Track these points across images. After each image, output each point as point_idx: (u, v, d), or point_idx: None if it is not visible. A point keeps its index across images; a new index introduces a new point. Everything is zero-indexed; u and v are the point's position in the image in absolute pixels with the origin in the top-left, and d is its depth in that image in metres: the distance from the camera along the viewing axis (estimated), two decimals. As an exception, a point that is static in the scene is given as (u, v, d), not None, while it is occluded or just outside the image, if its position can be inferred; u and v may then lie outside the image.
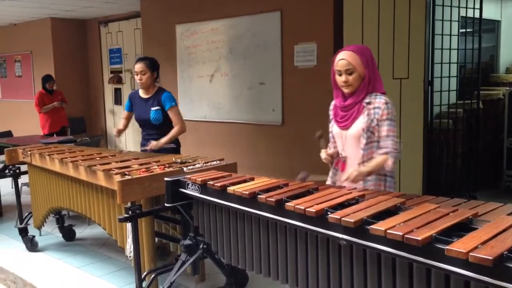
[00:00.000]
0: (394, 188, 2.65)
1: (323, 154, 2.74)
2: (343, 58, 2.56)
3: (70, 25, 8.65)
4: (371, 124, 2.52)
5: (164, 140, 3.97)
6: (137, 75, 4.05)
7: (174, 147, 4.09)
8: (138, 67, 4.03)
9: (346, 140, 2.64)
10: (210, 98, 6.20)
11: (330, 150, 2.75)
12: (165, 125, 4.04)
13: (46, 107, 7.30)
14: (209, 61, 6.16)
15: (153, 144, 3.95)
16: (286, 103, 5.35)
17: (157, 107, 4.01)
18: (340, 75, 2.57)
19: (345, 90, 2.59)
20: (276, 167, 5.43)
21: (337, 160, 2.72)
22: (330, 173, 2.80)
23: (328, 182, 2.77)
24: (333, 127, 2.72)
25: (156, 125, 4.03)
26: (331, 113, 2.79)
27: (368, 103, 2.55)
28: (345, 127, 2.62)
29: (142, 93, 4.13)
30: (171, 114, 4.03)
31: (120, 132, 4.22)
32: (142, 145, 4.19)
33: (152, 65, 4.06)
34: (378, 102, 2.53)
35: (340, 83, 2.59)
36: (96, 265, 4.06)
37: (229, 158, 3.71)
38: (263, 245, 2.34)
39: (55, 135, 7.16)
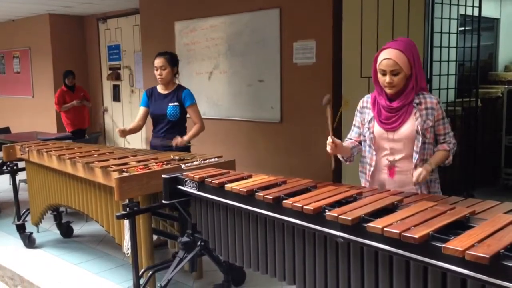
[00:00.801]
0: (439, 190, 2.60)
1: (330, 140, 2.47)
2: (389, 58, 2.38)
3: (68, 21, 8.63)
4: (424, 126, 2.43)
5: (187, 137, 3.98)
6: (156, 70, 3.98)
7: (189, 146, 4.10)
8: (158, 62, 3.98)
9: (393, 143, 2.49)
10: (209, 95, 6.19)
11: (345, 142, 2.61)
12: (180, 122, 4.04)
13: (65, 106, 6.96)
14: (208, 58, 6.15)
15: (179, 140, 3.91)
16: (285, 101, 5.35)
17: (175, 103, 3.98)
18: (384, 74, 2.41)
19: (388, 91, 2.44)
20: (275, 165, 5.43)
21: (386, 165, 2.55)
22: (361, 179, 2.67)
23: (363, 184, 2.64)
24: (375, 127, 2.54)
25: (172, 121, 3.98)
26: (366, 110, 2.60)
27: (419, 104, 2.43)
28: (392, 129, 2.47)
29: (160, 89, 4.09)
30: (191, 111, 4.02)
31: (124, 133, 4.02)
32: (152, 143, 4.12)
33: (172, 60, 4.03)
34: (430, 103, 2.44)
35: (383, 83, 2.43)
36: (93, 262, 4.06)
37: (228, 155, 3.70)
38: (260, 243, 2.34)
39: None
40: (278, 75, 5.36)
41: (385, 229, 1.68)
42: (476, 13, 5.09)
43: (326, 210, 1.94)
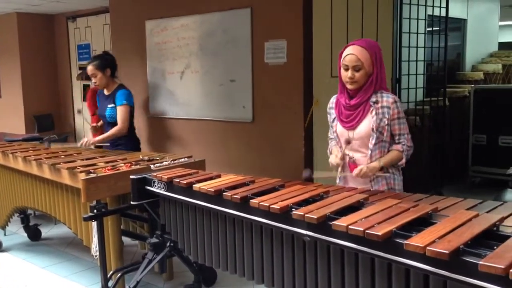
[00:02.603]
0: (401, 186, 2.63)
1: (334, 159, 2.61)
2: (352, 53, 2.45)
3: (37, 20, 8.44)
4: (380, 124, 2.46)
5: (98, 138, 3.95)
6: (90, 77, 4.02)
7: (130, 142, 4.04)
8: (88, 70, 4.00)
9: (353, 140, 2.55)
10: (180, 95, 6.14)
11: (339, 153, 2.63)
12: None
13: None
14: (180, 57, 6.10)
15: (85, 140, 3.91)
16: (257, 100, 5.34)
17: (112, 105, 3.98)
18: (347, 70, 2.47)
19: (349, 86, 2.50)
20: (247, 164, 5.43)
21: (347, 162, 2.62)
22: (339, 169, 2.69)
23: (338, 180, 2.70)
24: (338, 127, 2.62)
25: (112, 122, 3.99)
26: (332, 111, 2.68)
27: (375, 102, 2.47)
28: (351, 127, 2.54)
29: (105, 90, 4.11)
30: (118, 111, 3.97)
31: (96, 129, 4.15)
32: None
33: (102, 64, 3.98)
34: (386, 101, 2.47)
35: (345, 79, 2.49)
36: (62, 265, 3.99)
37: (199, 155, 3.69)
38: (229, 242, 2.34)
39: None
40: (249, 75, 5.36)
41: (349, 227, 1.69)
42: (443, 13, 5.19)
43: (293, 209, 1.95)
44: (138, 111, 5.73)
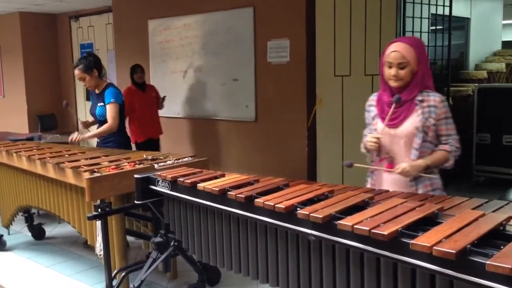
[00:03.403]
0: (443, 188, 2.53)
1: (369, 141, 2.47)
2: (397, 50, 2.38)
3: (39, 20, 8.46)
4: (425, 123, 2.39)
5: (88, 134, 4.01)
6: (80, 81, 4.11)
7: (119, 140, 4.07)
8: (76, 75, 4.07)
9: (393, 139, 2.46)
10: (183, 94, 6.15)
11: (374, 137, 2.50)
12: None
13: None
14: (183, 57, 6.11)
15: (74, 136, 3.97)
16: (260, 99, 5.34)
17: (101, 103, 4.03)
18: (390, 67, 2.40)
19: (393, 84, 2.42)
20: (250, 163, 5.43)
21: (382, 159, 2.53)
22: (368, 178, 2.63)
23: (369, 185, 2.61)
24: (378, 124, 2.52)
25: (101, 121, 4.02)
26: (372, 108, 2.58)
27: (421, 101, 2.40)
28: (394, 126, 2.44)
29: (96, 90, 4.16)
30: (107, 109, 3.98)
31: (86, 125, 4.20)
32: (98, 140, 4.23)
33: (87, 66, 4.01)
34: (434, 101, 2.40)
35: (389, 76, 2.41)
36: (66, 264, 3.99)
37: (202, 154, 3.69)
38: (233, 242, 2.33)
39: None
40: (252, 74, 5.36)
41: (355, 226, 1.68)
42: (447, 12, 5.18)
43: (298, 209, 1.94)
44: (141, 111, 5.71)
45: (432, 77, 2.51)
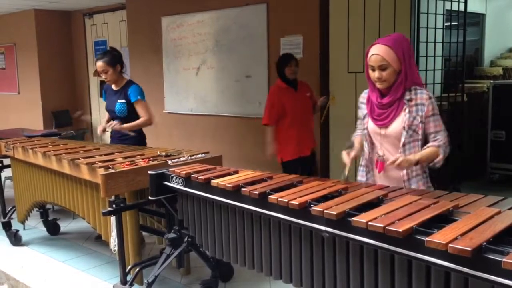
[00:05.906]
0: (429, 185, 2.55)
1: (345, 156, 2.54)
2: (376, 53, 2.38)
3: (54, 17, 8.53)
4: (414, 122, 2.40)
5: (126, 125, 3.97)
6: (101, 73, 4.04)
7: (135, 137, 4.05)
8: (99, 66, 4.01)
9: (384, 139, 2.50)
10: (196, 91, 6.17)
11: (352, 152, 2.57)
12: (130, 119, 4.02)
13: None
14: (195, 53, 6.13)
15: (114, 123, 3.94)
16: (273, 96, 5.33)
17: (123, 100, 4.00)
18: (373, 70, 2.41)
19: (379, 86, 2.44)
20: (262, 160, 5.42)
21: (375, 159, 2.57)
22: (360, 172, 2.65)
23: (361, 179, 2.63)
24: (369, 124, 2.56)
25: (121, 117, 4.01)
26: (363, 106, 2.61)
27: (409, 100, 2.41)
28: (384, 125, 2.47)
29: (113, 85, 4.14)
30: (137, 107, 3.99)
31: (104, 129, 4.09)
32: (112, 136, 4.21)
33: (112, 60, 4.00)
34: (421, 98, 2.40)
35: (373, 78, 2.43)
36: (80, 259, 4.03)
37: (215, 151, 3.70)
38: (247, 238, 2.34)
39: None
40: (265, 71, 5.36)
41: (369, 223, 1.68)
42: (462, 8, 5.13)
43: (312, 205, 1.95)
44: (154, 107, 5.75)
45: (418, 72, 2.51)
